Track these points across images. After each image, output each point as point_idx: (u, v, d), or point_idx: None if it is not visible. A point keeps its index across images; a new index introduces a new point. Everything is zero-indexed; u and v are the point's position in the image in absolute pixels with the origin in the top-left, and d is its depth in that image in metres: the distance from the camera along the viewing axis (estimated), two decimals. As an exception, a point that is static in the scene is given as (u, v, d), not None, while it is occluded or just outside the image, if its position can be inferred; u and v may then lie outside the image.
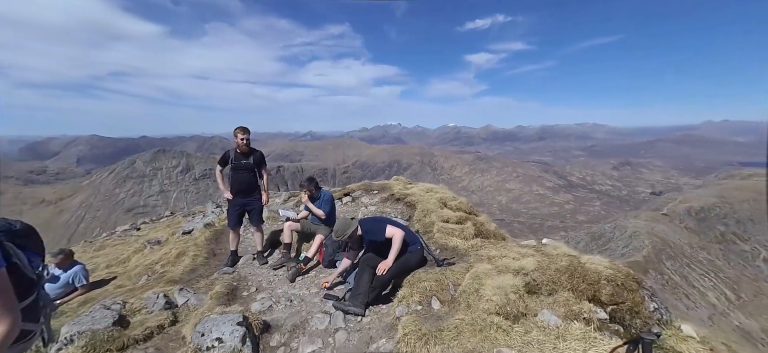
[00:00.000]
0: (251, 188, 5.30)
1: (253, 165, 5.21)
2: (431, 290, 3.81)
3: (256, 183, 5.32)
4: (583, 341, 2.76)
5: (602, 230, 37.06)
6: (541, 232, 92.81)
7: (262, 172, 5.37)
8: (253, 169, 5.23)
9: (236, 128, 5.12)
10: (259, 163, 5.29)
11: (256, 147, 5.43)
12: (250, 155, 5.21)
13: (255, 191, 5.34)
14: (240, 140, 5.08)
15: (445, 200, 7.11)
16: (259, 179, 5.36)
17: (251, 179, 5.26)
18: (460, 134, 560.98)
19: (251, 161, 5.20)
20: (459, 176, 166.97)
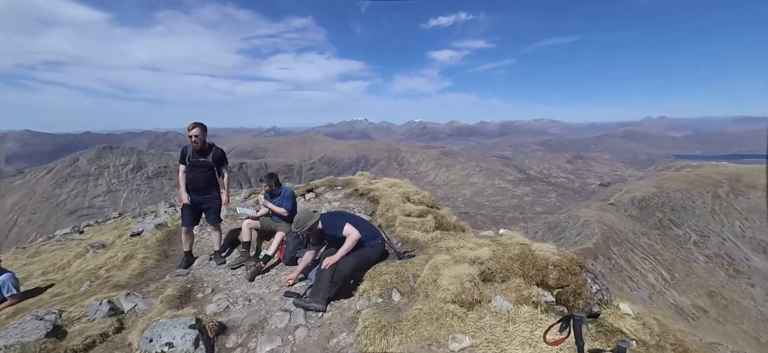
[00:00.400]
0: (208, 186, 5.05)
1: (211, 163, 4.95)
2: (392, 282, 3.87)
3: (214, 181, 5.06)
4: (530, 323, 2.93)
5: (558, 220, 39.43)
6: (503, 223, 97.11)
7: (222, 170, 5.13)
8: (211, 167, 4.98)
9: (189, 125, 4.83)
10: (218, 161, 5.05)
11: (218, 144, 5.20)
12: (208, 153, 4.94)
13: (212, 190, 5.10)
14: (191, 138, 4.80)
15: (408, 195, 7.22)
16: (218, 178, 5.12)
17: (209, 177, 5.01)
18: (425, 130, 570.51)
19: (210, 159, 4.94)
20: (425, 171, 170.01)
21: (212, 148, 5.01)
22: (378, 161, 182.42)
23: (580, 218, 34.59)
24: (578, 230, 33.12)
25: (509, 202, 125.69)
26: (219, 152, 5.04)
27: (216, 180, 5.09)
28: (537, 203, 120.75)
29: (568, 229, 34.70)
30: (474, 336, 2.82)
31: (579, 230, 33.10)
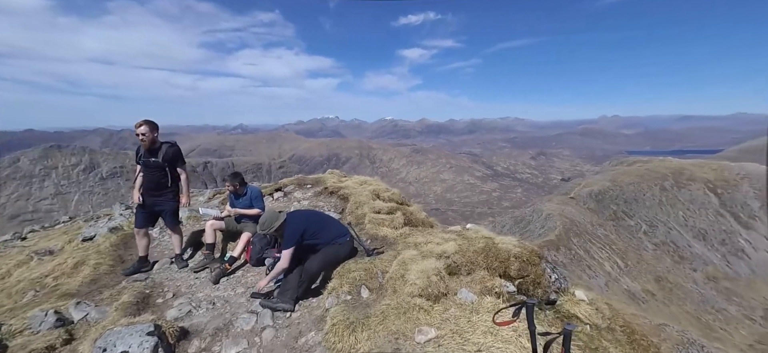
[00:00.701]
0: (160, 187, 4.73)
1: (161, 163, 4.62)
2: (360, 279, 3.89)
3: (166, 182, 4.73)
4: (492, 312, 3.07)
5: (523, 214, 41.09)
6: (472, 218, 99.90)
7: (176, 170, 4.81)
8: (162, 167, 4.65)
9: (137, 122, 4.48)
10: (171, 160, 4.70)
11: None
12: (157, 152, 4.62)
13: (166, 191, 4.79)
14: (138, 136, 4.48)
15: (378, 192, 7.26)
16: (171, 179, 4.77)
17: (160, 178, 4.69)
18: (397, 127, 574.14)
19: (160, 158, 4.61)
20: (397, 169, 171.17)
21: (167, 145, 4.70)
22: (350, 159, 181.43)
23: (543, 212, 36.27)
24: (542, 223, 34.72)
25: (478, 197, 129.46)
26: (171, 151, 4.69)
27: (168, 181, 4.74)
28: (504, 198, 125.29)
29: (533, 222, 36.29)
30: (439, 328, 2.91)
31: (543, 223, 34.71)
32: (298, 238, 4.00)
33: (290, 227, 4.08)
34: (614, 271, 31.01)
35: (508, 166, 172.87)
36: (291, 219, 4.18)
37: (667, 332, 15.45)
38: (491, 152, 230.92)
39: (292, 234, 4.02)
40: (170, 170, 4.73)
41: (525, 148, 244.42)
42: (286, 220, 4.13)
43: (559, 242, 30.73)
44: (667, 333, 14.86)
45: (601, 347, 3.52)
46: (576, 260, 29.87)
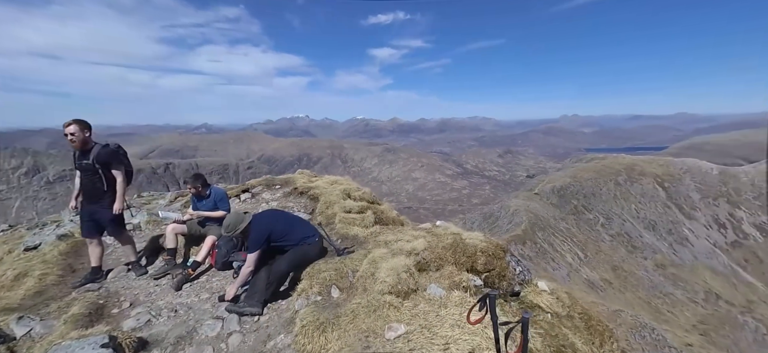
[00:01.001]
0: (97, 193, 4.35)
1: (92, 165, 4.23)
2: (331, 279, 3.86)
3: (102, 187, 4.34)
4: (460, 306, 3.16)
5: (492, 210, 42.50)
6: (443, 216, 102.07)
7: (110, 173, 4.36)
8: (96, 170, 4.25)
9: (66, 121, 4.10)
10: (104, 162, 4.27)
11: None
12: (89, 153, 4.22)
13: (103, 197, 4.39)
14: (67, 137, 4.09)
15: (348, 192, 7.23)
16: (107, 183, 4.36)
17: (95, 182, 4.30)
18: (368, 127, 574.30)
19: (91, 160, 4.21)
20: (369, 168, 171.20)
21: (101, 146, 4.30)
22: (321, 158, 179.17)
23: (510, 208, 37.71)
24: (509, 219, 36.09)
25: (449, 195, 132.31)
26: (104, 153, 4.28)
27: (104, 186, 4.35)
28: (474, 196, 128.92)
29: (501, 218, 37.63)
30: (409, 324, 2.95)
31: (510, 218, 36.09)
32: (263, 241, 3.90)
33: (256, 229, 3.97)
34: (575, 262, 32.81)
35: (476, 164, 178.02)
36: (257, 221, 4.07)
37: (623, 317, 16.57)
38: (461, 151, 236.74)
39: (258, 237, 3.92)
40: (105, 174, 4.32)
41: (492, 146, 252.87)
42: (251, 222, 4.02)
43: (525, 236, 32.09)
44: (623, 318, 15.94)
45: (561, 334, 3.72)
46: (541, 253, 31.32)
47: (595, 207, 40.67)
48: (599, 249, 35.51)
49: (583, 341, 4.05)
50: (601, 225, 38.74)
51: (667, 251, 36.56)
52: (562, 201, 40.52)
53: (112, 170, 4.36)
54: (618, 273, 32.42)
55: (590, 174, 44.92)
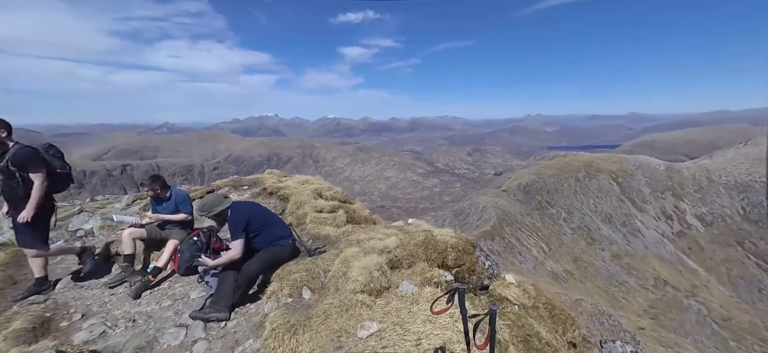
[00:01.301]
0: (16, 198, 3.96)
1: (8, 168, 3.85)
2: (302, 280, 3.79)
3: (19, 191, 3.94)
4: (431, 301, 3.20)
5: (462, 207, 43.56)
6: (415, 214, 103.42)
7: (28, 176, 3.96)
8: (12, 174, 3.87)
9: None
10: (19, 164, 3.87)
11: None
12: (5, 155, 3.86)
13: (20, 202, 3.99)
14: None
15: (320, 191, 7.13)
16: (26, 187, 3.95)
17: (13, 186, 3.90)
18: (340, 126, 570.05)
19: (5, 162, 3.84)
20: (341, 167, 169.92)
21: (16, 147, 3.92)
22: (292, 158, 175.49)
23: (479, 205, 38.84)
24: (479, 215, 37.17)
25: (421, 193, 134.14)
26: (20, 154, 3.88)
27: (21, 190, 3.93)
28: (445, 193, 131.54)
29: (471, 215, 38.68)
30: (381, 322, 2.96)
31: (479, 215, 37.17)
32: (244, 227, 3.83)
33: (235, 213, 3.89)
34: (540, 255, 34.36)
35: (447, 162, 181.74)
36: (236, 207, 3.99)
37: (583, 305, 17.54)
38: (431, 150, 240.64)
39: (239, 221, 3.84)
40: (23, 177, 3.92)
41: (462, 145, 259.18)
42: (231, 207, 3.93)
43: (494, 232, 33.16)
44: (583, 307, 16.87)
45: (527, 324, 3.88)
46: (509, 248, 32.51)
47: (557, 203, 42.83)
48: (562, 242, 37.44)
49: (547, 330, 4.25)
50: (563, 219, 40.86)
51: (622, 242, 39.19)
52: (527, 197, 42.30)
53: (29, 173, 3.95)
54: (579, 264, 34.33)
55: (553, 171, 47.21)
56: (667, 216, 44.42)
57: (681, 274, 36.16)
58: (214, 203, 3.86)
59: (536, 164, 53.77)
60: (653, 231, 41.80)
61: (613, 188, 46.15)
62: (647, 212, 44.28)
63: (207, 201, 3.89)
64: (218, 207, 3.84)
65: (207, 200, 3.92)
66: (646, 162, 51.76)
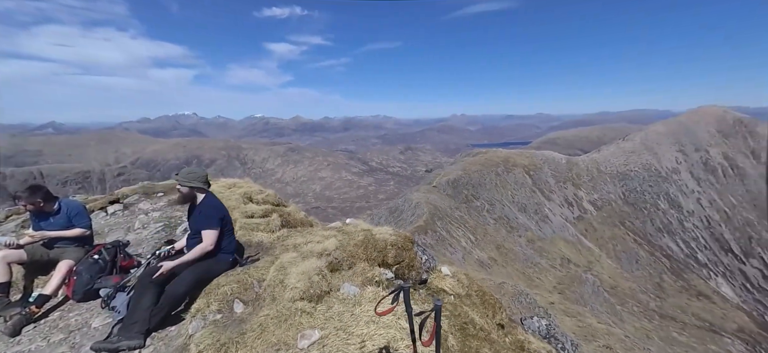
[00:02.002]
0: None
1: None
2: (233, 293, 3.47)
3: None
4: (374, 301, 3.18)
5: (396, 204, 44.71)
6: (352, 213, 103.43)
7: None
8: None
9: None
10: None
11: None
12: None
13: None
14: None
15: (250, 195, 6.65)
16: None
17: None
18: (269, 125, 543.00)
19: None
20: (272, 169, 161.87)
21: None
22: (216, 160, 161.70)
23: (413, 201, 40.31)
24: (412, 211, 38.56)
25: (356, 193, 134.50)
26: None
27: None
28: (380, 192, 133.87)
29: (405, 211, 39.93)
30: (323, 328, 2.84)
31: (413, 211, 38.57)
32: (220, 220, 3.56)
33: (214, 201, 3.64)
34: (468, 245, 36.92)
35: (381, 161, 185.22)
36: (213, 196, 3.75)
37: (506, 288, 19.33)
38: (365, 149, 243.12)
39: (216, 212, 3.57)
40: None
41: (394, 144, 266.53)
42: (207, 194, 3.66)
43: (427, 226, 34.68)
44: (506, 289, 18.59)
45: (463, 312, 4.09)
46: (440, 241, 34.30)
47: (481, 196, 46.52)
48: (486, 232, 40.79)
49: (479, 315, 4.54)
50: (487, 211, 44.54)
51: (535, 228, 44.17)
52: (455, 192, 45.15)
53: None
54: (501, 250, 37.77)
55: (476, 167, 51.15)
56: (569, 203, 51.31)
57: (580, 252, 42.10)
58: (195, 176, 3.53)
59: (462, 161, 57.66)
60: (559, 217, 47.89)
61: (526, 181, 51.68)
62: (554, 201, 50.58)
63: (191, 171, 3.58)
64: (197, 181, 3.50)
65: (191, 169, 3.62)
66: (551, 157, 59.04)
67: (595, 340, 19.54)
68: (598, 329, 21.80)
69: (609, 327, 23.44)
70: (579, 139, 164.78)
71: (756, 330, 36.40)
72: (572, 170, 56.77)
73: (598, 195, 53.81)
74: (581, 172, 56.92)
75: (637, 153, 62.10)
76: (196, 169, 3.77)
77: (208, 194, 3.77)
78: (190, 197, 3.67)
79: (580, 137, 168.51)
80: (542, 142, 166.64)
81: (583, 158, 63.14)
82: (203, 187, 3.68)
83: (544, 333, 8.33)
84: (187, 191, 3.63)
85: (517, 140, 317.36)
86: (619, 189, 55.52)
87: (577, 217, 49.49)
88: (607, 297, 34.10)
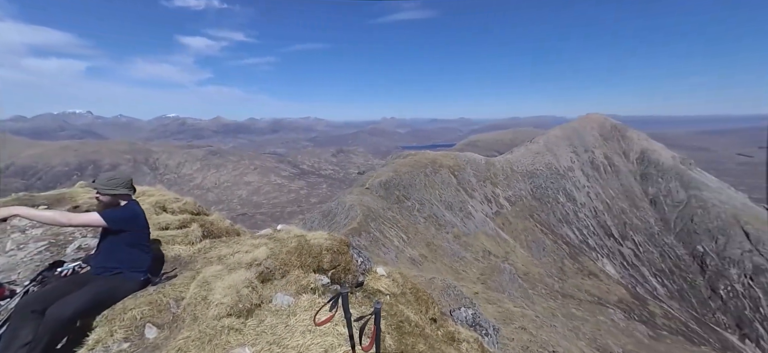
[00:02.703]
0: None
1: None
2: (143, 316, 3.04)
3: None
4: (310, 310, 3.08)
5: (330, 207, 44.10)
6: (283, 219, 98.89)
7: None
8: None
9: None
10: None
11: None
12: None
13: None
14: None
15: (163, 204, 5.93)
16: None
17: None
18: (185, 126, 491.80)
19: None
20: (190, 174, 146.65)
21: None
22: (118, 165, 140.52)
23: (346, 204, 40.17)
24: (346, 214, 38.41)
25: (287, 197, 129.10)
26: None
27: None
28: (312, 195, 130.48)
29: (338, 214, 39.59)
30: (255, 344, 2.66)
31: (346, 213, 38.43)
32: (128, 221, 3.16)
33: (132, 209, 3.26)
34: (400, 244, 38.07)
35: (312, 164, 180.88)
36: (135, 204, 3.34)
37: (436, 283, 20.37)
38: (296, 151, 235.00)
39: (127, 214, 3.18)
40: None
41: (326, 146, 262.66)
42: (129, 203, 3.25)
43: (360, 228, 34.86)
44: (436, 284, 19.60)
45: (398, 311, 4.20)
46: (374, 242, 34.77)
47: (412, 196, 48.44)
48: (417, 231, 42.57)
49: (414, 312, 4.70)
50: (417, 210, 46.52)
51: (460, 224, 47.48)
52: (387, 193, 46.25)
53: None
54: (431, 247, 39.75)
55: (407, 168, 53.11)
56: (488, 200, 56.30)
57: (498, 244, 46.48)
58: (119, 181, 3.09)
59: (393, 163, 59.34)
60: (480, 213, 52.20)
61: (452, 181, 55.28)
62: (475, 198, 54.99)
63: (112, 174, 3.14)
64: (120, 187, 3.08)
65: (114, 175, 3.17)
66: (472, 158, 64.15)
67: (513, 323, 21.72)
68: (515, 312, 24.27)
69: (523, 310, 26.26)
70: (495, 141, 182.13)
71: (630, 299, 44.31)
72: (490, 169, 62.42)
73: (512, 192, 60.04)
74: (498, 171, 62.92)
75: (542, 154, 70.88)
76: (118, 174, 3.31)
77: (132, 202, 3.34)
78: (112, 206, 3.20)
79: (497, 139, 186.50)
80: (464, 144, 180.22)
81: (499, 158, 69.84)
82: (128, 193, 3.23)
83: (471, 322, 8.99)
84: (110, 200, 3.13)
85: (443, 142, 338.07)
86: (528, 186, 62.70)
87: (495, 212, 54.51)
88: (521, 283, 38.17)
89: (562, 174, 68.29)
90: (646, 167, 74.05)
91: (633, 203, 68.30)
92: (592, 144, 77.16)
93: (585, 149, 75.64)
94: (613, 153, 77.15)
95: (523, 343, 18.00)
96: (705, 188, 66.52)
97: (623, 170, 74.16)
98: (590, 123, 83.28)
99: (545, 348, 18.16)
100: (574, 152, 74.33)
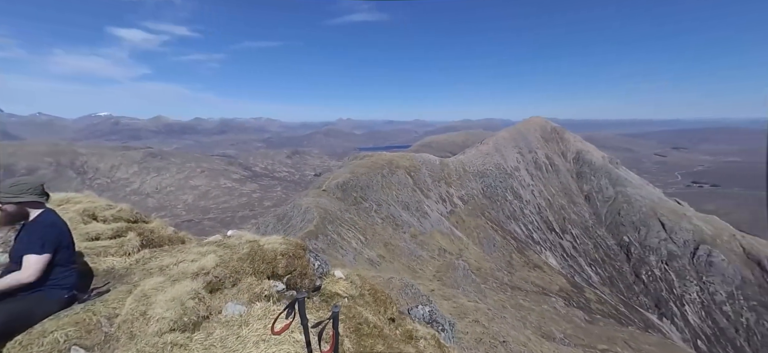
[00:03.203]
0: None
1: None
2: (68, 339, 2.69)
3: None
4: (264, 318, 2.94)
5: (285, 211, 42.72)
6: (234, 224, 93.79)
7: None
8: None
9: None
10: None
11: None
12: None
13: None
14: None
15: (92, 212, 5.32)
16: None
17: None
18: (119, 126, 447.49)
19: None
20: (125, 178, 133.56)
21: None
22: (36, 169, 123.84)
23: (302, 206, 39.18)
24: (302, 217, 37.45)
25: (238, 201, 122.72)
26: None
27: None
28: (265, 198, 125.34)
29: (294, 217, 38.48)
30: (203, 359, 2.48)
31: (302, 216, 37.48)
32: (55, 245, 2.69)
33: (53, 219, 2.76)
34: (359, 246, 37.96)
35: (266, 166, 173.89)
36: (52, 214, 2.83)
37: (394, 282, 20.58)
38: (247, 153, 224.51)
39: (51, 233, 2.69)
40: None
41: (280, 147, 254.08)
42: (44, 211, 2.76)
43: (317, 231, 34.20)
44: (394, 284, 19.81)
45: (357, 313, 4.16)
46: (332, 244, 34.30)
47: (369, 197, 48.55)
48: (375, 231, 42.74)
49: (372, 313, 4.70)
50: (375, 211, 46.71)
51: (417, 224, 48.51)
52: (345, 195, 45.90)
53: None
54: (388, 247, 40.12)
55: (364, 169, 53.14)
56: (443, 199, 58.20)
57: (453, 242, 48.23)
58: (26, 186, 2.60)
59: (350, 164, 59.04)
60: (435, 213, 53.79)
61: (408, 181, 56.32)
62: (431, 198, 56.56)
63: (18, 180, 2.66)
64: (27, 194, 2.59)
65: (19, 179, 2.70)
66: (427, 159, 65.94)
67: (467, 317, 22.64)
68: (468, 307, 25.33)
69: (476, 304, 27.50)
70: (449, 143, 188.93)
71: (569, 288, 48.35)
72: (444, 170, 64.60)
73: (465, 191, 62.66)
74: (451, 172, 65.30)
75: (491, 155, 74.88)
76: (25, 178, 2.82)
77: (47, 210, 2.87)
78: (20, 216, 2.73)
79: (450, 141, 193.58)
80: (420, 145, 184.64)
81: (452, 159, 72.52)
82: (39, 200, 2.77)
83: (428, 319, 9.19)
84: (15, 209, 2.67)
85: (399, 143, 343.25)
86: (479, 185, 65.85)
87: (449, 211, 56.48)
88: (474, 278, 39.93)
89: (510, 174, 72.65)
90: (581, 166, 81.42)
91: (571, 199, 74.60)
92: (535, 145, 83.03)
93: (529, 150, 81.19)
94: (554, 153, 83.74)
95: (477, 336, 18.81)
96: (629, 185, 74.73)
97: (562, 169, 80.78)
98: (533, 126, 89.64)
99: (497, 339, 19.14)
100: (519, 152, 79.46)
